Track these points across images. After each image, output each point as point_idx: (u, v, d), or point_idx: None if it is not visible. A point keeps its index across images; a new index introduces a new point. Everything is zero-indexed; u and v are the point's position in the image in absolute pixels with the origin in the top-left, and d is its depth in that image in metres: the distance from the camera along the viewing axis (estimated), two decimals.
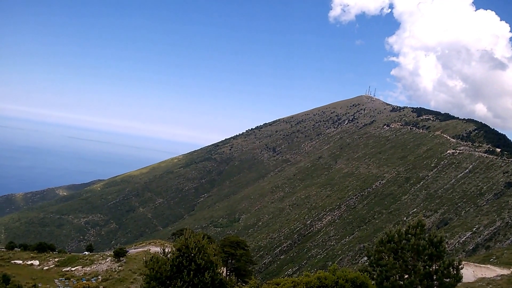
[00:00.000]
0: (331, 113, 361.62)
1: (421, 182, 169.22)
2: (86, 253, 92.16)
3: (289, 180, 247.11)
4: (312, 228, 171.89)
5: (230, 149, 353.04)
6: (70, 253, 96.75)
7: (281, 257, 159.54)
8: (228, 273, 61.20)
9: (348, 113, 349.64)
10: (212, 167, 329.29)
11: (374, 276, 20.22)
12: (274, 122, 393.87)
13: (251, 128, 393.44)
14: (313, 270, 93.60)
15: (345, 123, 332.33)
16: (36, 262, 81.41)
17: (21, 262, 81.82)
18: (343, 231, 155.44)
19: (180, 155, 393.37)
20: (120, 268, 73.21)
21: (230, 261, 65.11)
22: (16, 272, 70.67)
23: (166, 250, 18.14)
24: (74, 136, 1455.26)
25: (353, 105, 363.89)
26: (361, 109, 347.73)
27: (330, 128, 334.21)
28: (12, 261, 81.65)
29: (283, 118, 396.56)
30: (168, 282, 16.72)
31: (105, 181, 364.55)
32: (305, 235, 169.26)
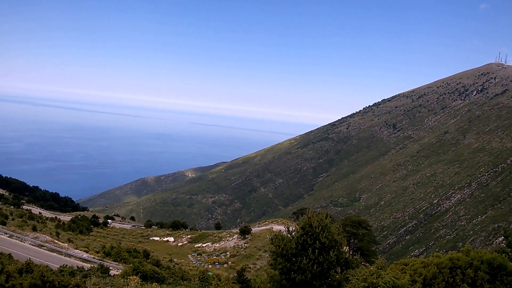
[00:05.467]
0: (457, 84, 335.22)
1: None
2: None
3: (412, 158, 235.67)
4: (439, 208, 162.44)
5: (347, 128, 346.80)
6: (200, 230, 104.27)
7: (406, 237, 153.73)
8: (351, 253, 60.86)
9: (477, 83, 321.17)
10: (330, 146, 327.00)
11: None
12: (393, 97, 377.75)
13: (369, 105, 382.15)
14: (442, 251, 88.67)
15: (474, 94, 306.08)
16: (171, 239, 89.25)
17: (158, 238, 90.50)
18: (475, 210, 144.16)
19: (296, 136, 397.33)
20: (246, 245, 76.93)
21: (352, 240, 64.69)
22: (154, 248, 78.40)
23: (290, 229, 18.63)
24: (197, 122, 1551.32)
25: (482, 74, 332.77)
26: (491, 78, 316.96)
27: (456, 100, 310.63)
28: (151, 238, 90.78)
29: (403, 93, 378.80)
30: (294, 259, 17.17)
31: (228, 163, 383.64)
32: (431, 215, 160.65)
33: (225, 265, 68.02)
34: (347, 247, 60.12)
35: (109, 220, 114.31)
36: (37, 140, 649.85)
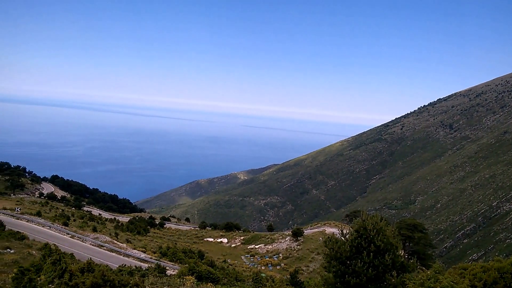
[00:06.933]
0: None
1: None
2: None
3: (470, 159, 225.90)
4: (499, 210, 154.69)
5: (401, 129, 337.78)
6: (253, 232, 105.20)
7: (464, 241, 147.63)
8: (406, 256, 59.44)
9: None
10: (383, 148, 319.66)
11: None
12: (449, 96, 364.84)
13: (424, 105, 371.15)
14: (502, 255, 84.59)
15: None
16: (225, 240, 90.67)
17: (212, 240, 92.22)
18: None
19: (349, 137, 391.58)
20: (298, 247, 76.81)
21: (407, 244, 63.20)
22: (208, 249, 79.96)
23: (344, 232, 18.66)
24: (250, 125, 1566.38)
25: None
26: None
27: None
28: (205, 239, 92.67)
29: (459, 92, 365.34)
30: (348, 262, 17.21)
31: (279, 165, 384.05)
32: (491, 217, 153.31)
33: (278, 267, 68.22)
34: (403, 251, 58.78)
35: (165, 222, 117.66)
36: (97, 144, 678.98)
